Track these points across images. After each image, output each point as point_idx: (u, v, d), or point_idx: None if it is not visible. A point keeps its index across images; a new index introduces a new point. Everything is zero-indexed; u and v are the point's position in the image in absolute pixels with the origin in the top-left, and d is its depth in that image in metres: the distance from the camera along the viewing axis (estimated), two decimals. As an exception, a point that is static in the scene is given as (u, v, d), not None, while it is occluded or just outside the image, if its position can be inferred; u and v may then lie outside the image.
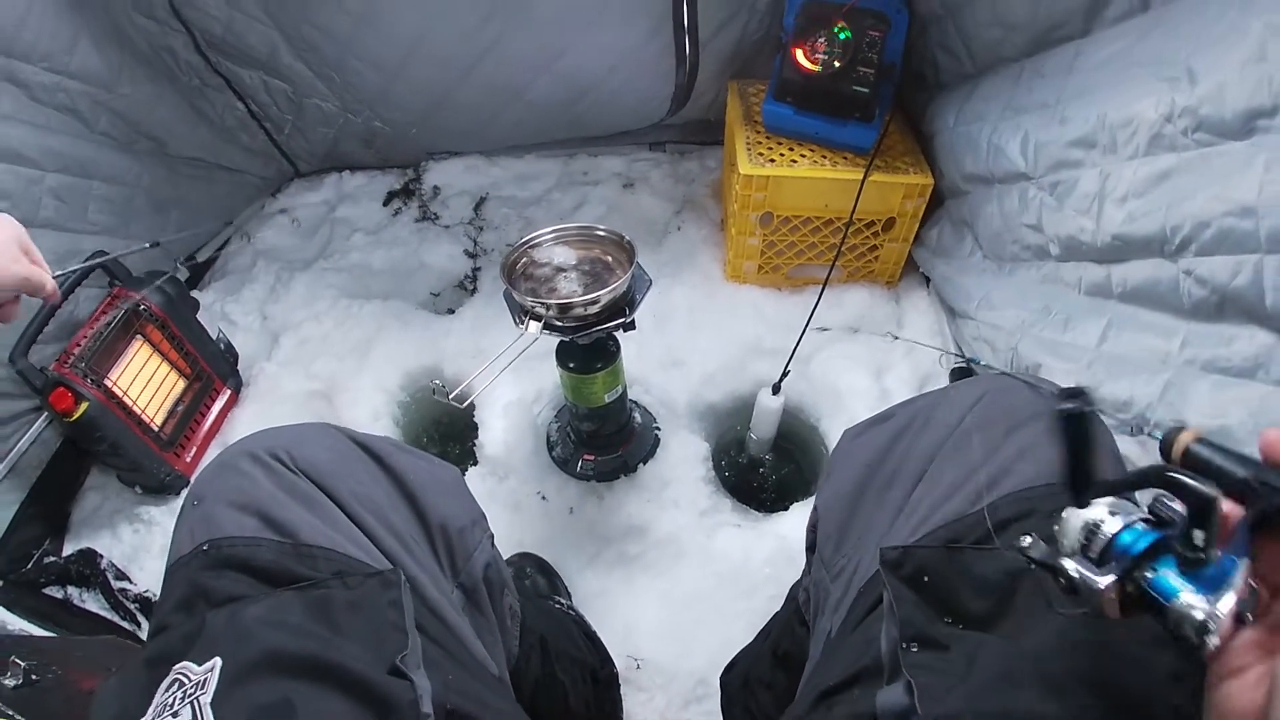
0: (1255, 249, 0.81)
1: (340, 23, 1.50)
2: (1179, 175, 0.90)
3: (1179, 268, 0.92)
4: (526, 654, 0.92)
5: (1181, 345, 0.93)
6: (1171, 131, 0.90)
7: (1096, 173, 1.03)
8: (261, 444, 0.68)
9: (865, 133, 1.41)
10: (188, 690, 0.49)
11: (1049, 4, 1.12)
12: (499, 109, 1.70)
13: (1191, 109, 0.87)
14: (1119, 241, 1.00)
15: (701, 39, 1.53)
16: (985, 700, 0.47)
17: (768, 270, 1.60)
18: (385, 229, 1.84)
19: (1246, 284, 0.82)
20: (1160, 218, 0.92)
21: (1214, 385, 0.88)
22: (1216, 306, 0.88)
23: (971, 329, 1.34)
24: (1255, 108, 0.80)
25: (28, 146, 1.29)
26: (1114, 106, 0.99)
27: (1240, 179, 0.81)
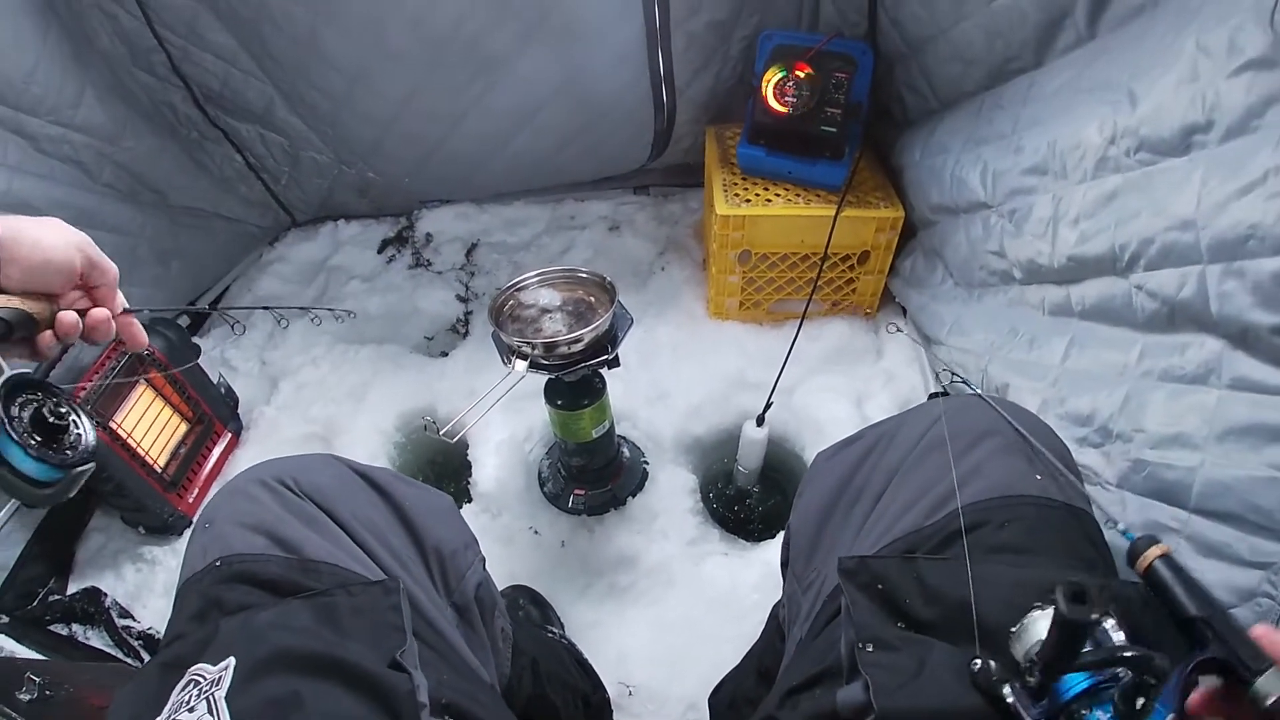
0: (1198, 260, 0.85)
1: (334, 80, 1.58)
2: (1124, 195, 0.96)
3: (1130, 283, 0.97)
4: (519, 675, 0.94)
5: (1139, 357, 0.97)
6: (1115, 153, 0.96)
7: (1049, 197, 1.09)
8: (269, 471, 0.73)
9: (835, 170, 1.48)
10: (203, 688, 0.53)
11: (1004, 37, 1.19)
12: (487, 159, 1.77)
13: (1133, 130, 0.93)
14: (1073, 262, 1.05)
15: (678, 86, 1.61)
16: (933, 697, 0.50)
17: (749, 306, 1.66)
18: (380, 275, 1.90)
19: (1193, 294, 0.87)
20: (1109, 237, 0.97)
21: (1170, 394, 0.92)
22: (1168, 317, 0.92)
23: (945, 354, 1.39)
24: (1190, 124, 0.85)
25: (35, 197, 1.35)
26: (1064, 133, 1.05)
27: (1180, 194, 0.86)
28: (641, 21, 1.43)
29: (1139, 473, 0.93)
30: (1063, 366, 1.10)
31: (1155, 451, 0.92)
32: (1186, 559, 0.86)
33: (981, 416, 0.71)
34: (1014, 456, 0.67)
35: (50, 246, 0.56)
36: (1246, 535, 0.81)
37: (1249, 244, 0.78)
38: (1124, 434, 0.97)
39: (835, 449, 0.84)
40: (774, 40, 1.46)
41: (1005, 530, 0.61)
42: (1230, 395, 0.85)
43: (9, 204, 1.30)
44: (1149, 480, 0.92)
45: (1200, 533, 0.85)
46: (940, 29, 1.31)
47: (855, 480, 0.77)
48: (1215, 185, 0.82)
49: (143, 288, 1.60)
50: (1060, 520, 0.63)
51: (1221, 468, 0.84)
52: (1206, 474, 0.85)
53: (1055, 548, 0.61)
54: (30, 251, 0.55)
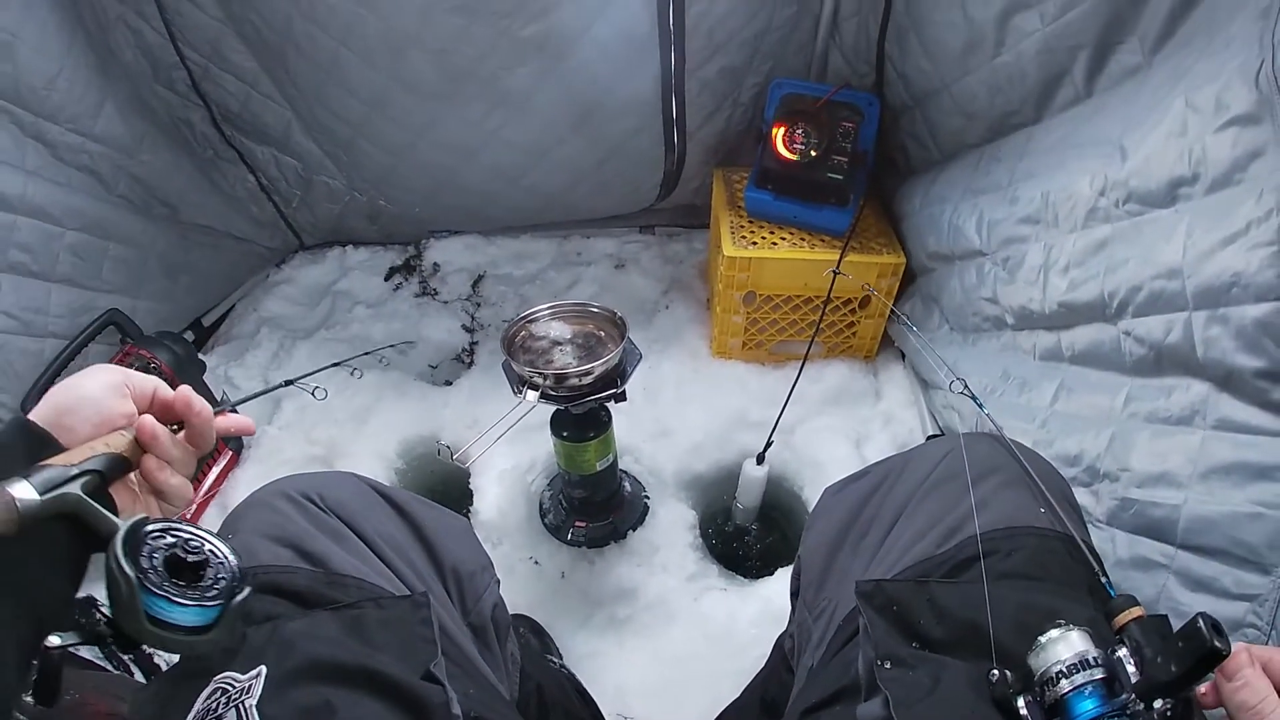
0: (1184, 307, 0.92)
1: (352, 107, 1.66)
2: (1113, 244, 1.03)
3: (1119, 329, 1.04)
4: (525, 699, 0.98)
5: (1126, 400, 1.04)
6: (1105, 204, 1.04)
7: (1041, 246, 1.17)
8: (294, 485, 0.76)
9: (840, 217, 1.56)
10: (232, 695, 0.53)
11: (1004, 94, 1.28)
12: (499, 192, 1.85)
13: (1122, 182, 1.01)
14: (1064, 308, 1.13)
15: (689, 130, 1.70)
16: (950, 710, 0.54)
17: (751, 346, 1.72)
18: (386, 302, 1.96)
19: (1179, 339, 0.94)
20: (1099, 284, 1.05)
21: (1154, 434, 0.98)
22: (1155, 362, 0.99)
23: (941, 398, 1.45)
24: (1177, 177, 0.92)
25: (50, 203, 1.39)
26: (1057, 185, 1.14)
27: (1167, 243, 0.93)
28: (658, 66, 1.52)
29: (1126, 510, 0.99)
30: (1052, 409, 1.17)
31: (1141, 490, 0.98)
32: (1175, 593, 0.92)
33: (987, 453, 0.77)
34: (1018, 490, 0.72)
35: (91, 397, 0.55)
36: (1231, 569, 0.86)
37: (1233, 291, 0.85)
38: (1111, 473, 1.03)
39: (843, 484, 0.90)
40: (784, 88, 1.56)
41: (1012, 558, 0.66)
42: (1214, 435, 0.91)
43: (24, 208, 1.34)
44: (1136, 517, 0.98)
45: (1187, 567, 0.91)
46: (944, 83, 1.40)
47: (865, 513, 0.82)
48: (1200, 235, 0.89)
49: (149, 300, 1.63)
50: (1062, 550, 0.67)
51: (1206, 504, 0.90)
52: (1191, 511, 0.91)
53: (1058, 575, 0.65)
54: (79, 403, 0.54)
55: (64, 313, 1.43)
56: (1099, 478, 1.04)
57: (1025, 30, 1.20)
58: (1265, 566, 0.84)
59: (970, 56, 1.32)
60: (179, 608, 0.47)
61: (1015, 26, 1.21)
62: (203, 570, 0.49)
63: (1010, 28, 1.22)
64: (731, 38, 1.54)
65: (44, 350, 1.40)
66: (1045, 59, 1.19)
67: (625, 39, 1.47)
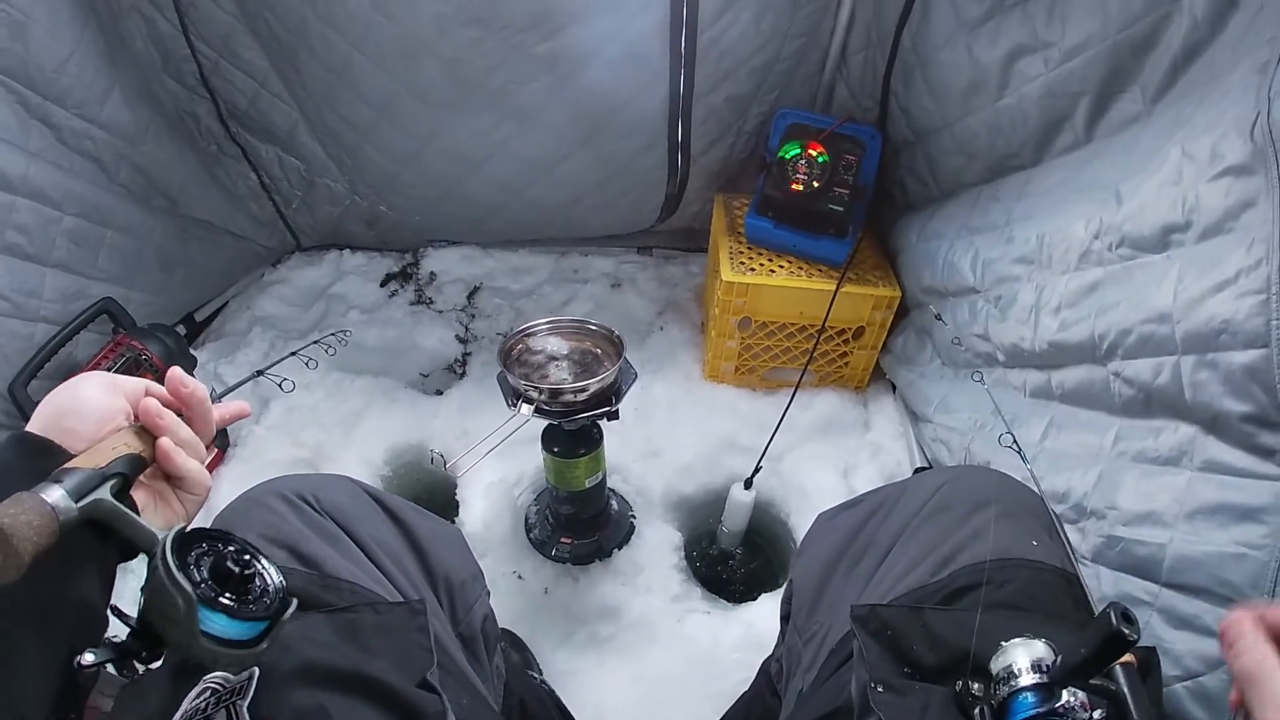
0: (1173, 351, 0.96)
1: (361, 112, 1.69)
2: (1105, 287, 1.07)
3: (1108, 370, 1.07)
4: (508, 713, 0.99)
5: (1115, 440, 1.07)
6: (1099, 247, 1.08)
7: (1033, 286, 1.21)
8: (289, 485, 0.77)
9: (839, 248, 1.60)
10: (222, 696, 0.53)
11: (1005, 135, 1.33)
12: (500, 205, 1.88)
13: (1116, 226, 1.05)
14: (1054, 348, 1.17)
15: (693, 154, 1.74)
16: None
17: (744, 371, 1.76)
18: (380, 309, 1.98)
19: (1168, 382, 0.97)
20: (1089, 325, 1.09)
21: (1142, 474, 1.01)
22: (1144, 403, 1.03)
23: (930, 431, 1.49)
24: (1170, 223, 0.96)
25: (51, 186, 1.41)
26: (1052, 227, 1.18)
27: (1157, 288, 0.97)
28: (667, 89, 1.57)
29: (1112, 548, 1.02)
30: (1041, 446, 1.20)
31: (1128, 528, 1.01)
32: (1158, 630, 0.95)
33: (980, 486, 0.79)
34: (1010, 523, 0.75)
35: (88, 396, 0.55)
36: (1215, 607, 0.89)
37: (1221, 338, 0.89)
38: (1098, 511, 1.06)
39: (836, 511, 0.92)
40: (789, 119, 1.61)
41: (1004, 589, 0.68)
42: (1201, 477, 0.94)
43: (25, 190, 1.35)
44: (1122, 555, 1.01)
45: (1171, 605, 0.94)
46: (946, 121, 1.46)
47: (859, 539, 0.84)
48: (1191, 281, 0.93)
49: (143, 292, 1.64)
50: (1052, 583, 0.70)
51: (1191, 544, 0.93)
52: (1176, 550, 0.94)
53: (1048, 607, 0.67)
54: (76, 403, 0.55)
55: (57, 298, 1.44)
56: (1086, 515, 1.07)
57: (1029, 74, 1.25)
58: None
59: (973, 97, 1.37)
60: (235, 623, 0.45)
61: (1019, 70, 1.27)
62: (250, 583, 0.48)
63: (1014, 71, 1.28)
64: (740, 65, 1.59)
65: (35, 334, 1.40)
66: (1047, 104, 1.24)
67: (636, 61, 1.52)
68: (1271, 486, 0.86)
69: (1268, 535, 0.84)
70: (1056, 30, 1.19)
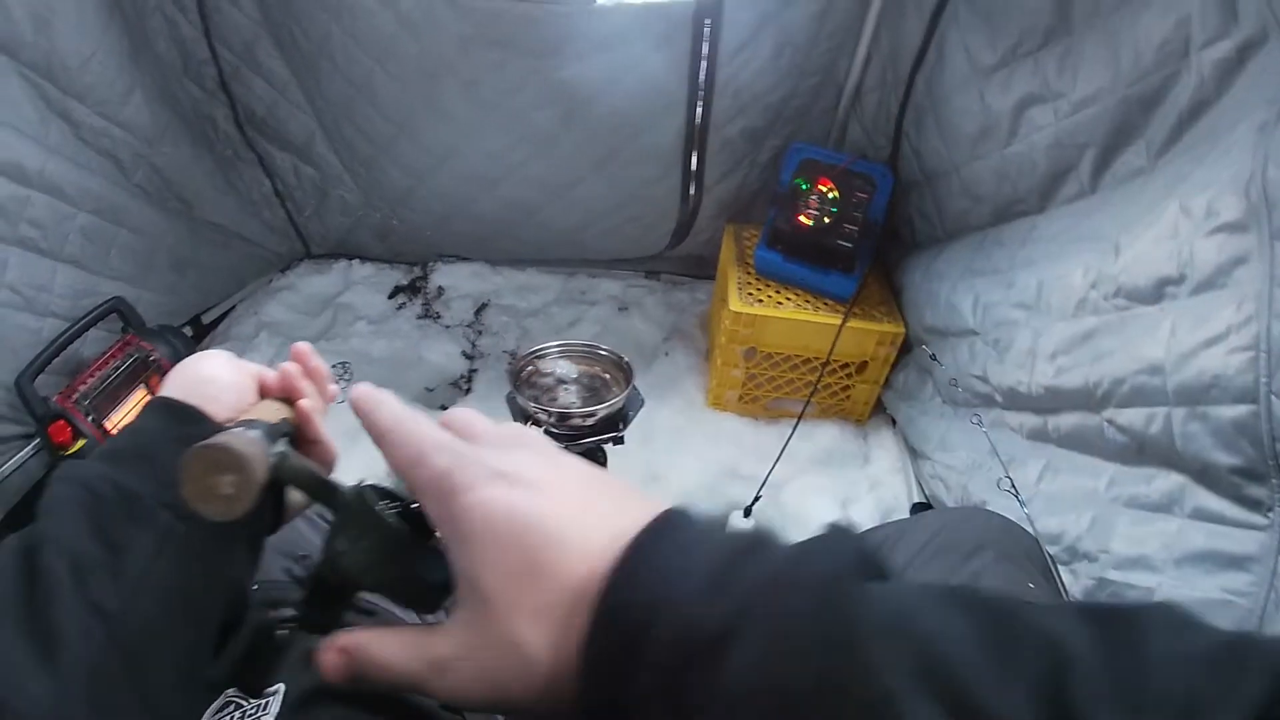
0: (1165, 402, 0.99)
1: (380, 126, 1.74)
2: (1100, 335, 1.11)
3: (1102, 417, 1.11)
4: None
5: (1108, 484, 1.10)
6: (1095, 296, 1.12)
7: (1031, 331, 1.25)
8: None
9: (846, 283, 1.64)
10: (247, 711, 0.51)
11: (1012, 182, 1.37)
12: (512, 224, 1.93)
13: (1113, 277, 1.09)
14: (1050, 393, 1.20)
15: (706, 184, 1.79)
16: None
17: (748, 400, 1.79)
18: (388, 320, 2.01)
19: (1159, 432, 1.00)
20: (1084, 373, 1.12)
21: (1134, 519, 1.05)
22: (1136, 451, 1.06)
23: (929, 468, 1.52)
24: (1165, 276, 1.00)
25: (67, 183, 1.43)
26: (1051, 275, 1.22)
27: (1151, 339, 1.01)
28: (683, 120, 1.62)
29: (1103, 590, 1.05)
30: (1037, 488, 1.23)
31: (1119, 571, 1.04)
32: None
33: (980, 529, 0.82)
34: (1009, 566, 0.77)
35: (221, 367, 0.55)
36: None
37: (1211, 392, 0.92)
38: (1090, 554, 1.09)
39: None
40: (803, 153, 1.65)
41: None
42: (1190, 524, 0.98)
43: (41, 184, 1.37)
44: (1112, 598, 1.04)
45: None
46: (955, 165, 1.50)
47: None
48: (1183, 334, 0.96)
49: (153, 292, 1.67)
50: None
51: (1179, 589, 0.96)
52: (1165, 594, 0.97)
53: None
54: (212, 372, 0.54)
55: (67, 294, 1.46)
56: (1079, 557, 1.10)
57: (1038, 124, 1.30)
58: (1232, 654, 0.90)
59: (983, 142, 1.42)
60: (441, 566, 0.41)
61: (1029, 119, 1.31)
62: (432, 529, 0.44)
63: (1024, 119, 1.32)
64: (756, 100, 1.64)
65: (43, 329, 1.42)
66: (1055, 153, 1.28)
67: (655, 91, 1.57)
68: (1258, 537, 0.89)
69: (1253, 583, 0.87)
70: (1068, 81, 1.23)
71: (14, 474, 1.39)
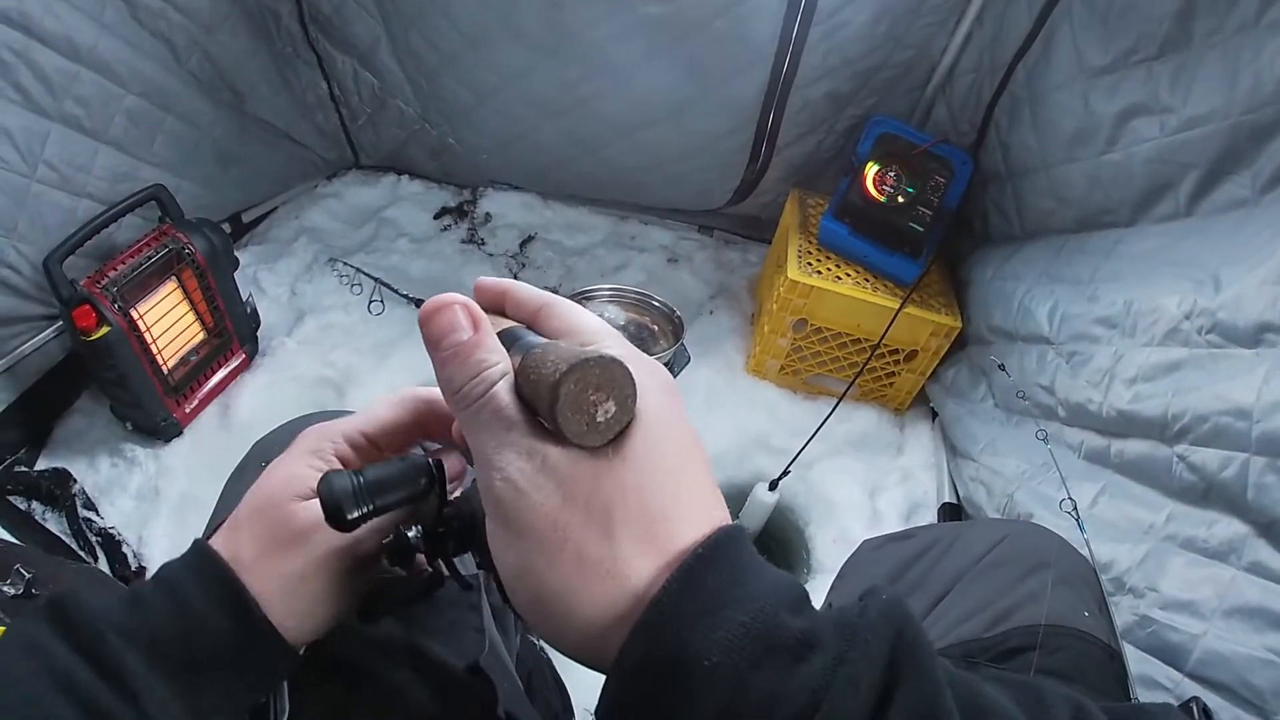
0: (1245, 448, 0.98)
1: (449, 38, 1.68)
2: (1187, 369, 1.09)
3: (1174, 452, 1.09)
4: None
5: (1166, 520, 1.09)
6: (1188, 328, 1.09)
7: (1111, 351, 1.22)
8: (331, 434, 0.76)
9: (910, 267, 1.61)
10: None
11: (1105, 190, 1.34)
12: (572, 159, 1.88)
13: (1210, 311, 1.06)
14: (1123, 418, 1.18)
15: (779, 145, 1.73)
16: None
17: (789, 372, 1.77)
18: (430, 241, 1.99)
19: (1233, 477, 0.99)
20: (1163, 403, 1.10)
21: (1189, 562, 1.04)
22: (1203, 493, 1.05)
23: (971, 470, 1.51)
24: (1267, 321, 0.98)
25: (118, 62, 1.39)
26: (1142, 295, 1.19)
27: (1242, 383, 0.99)
28: (767, 75, 1.56)
29: (1144, 629, 1.05)
30: (1090, 511, 1.22)
31: (1164, 612, 1.03)
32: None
33: (1041, 547, 0.81)
34: (1066, 590, 0.76)
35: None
36: (1233, 707, 0.92)
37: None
38: (1137, 589, 1.09)
39: (883, 540, 0.94)
40: (883, 127, 1.60)
41: (1054, 656, 0.69)
42: (1246, 577, 0.97)
43: (91, 61, 1.34)
44: (1152, 638, 1.04)
45: (1189, 695, 0.97)
46: (1045, 163, 1.45)
47: (907, 576, 0.85)
48: (1277, 385, 0.95)
49: (193, 184, 1.64)
50: (1099, 658, 0.71)
51: (1223, 641, 0.96)
52: (1208, 644, 0.97)
53: (1093, 681, 0.69)
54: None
55: (106, 176, 1.44)
56: (1124, 590, 1.10)
57: (1142, 135, 1.25)
58: (1266, 713, 0.90)
59: (1079, 145, 1.37)
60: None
61: (1133, 129, 1.27)
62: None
63: (1128, 128, 1.28)
64: (846, 65, 1.58)
65: (78, 210, 1.40)
66: (1155, 168, 1.24)
67: (744, 40, 1.51)
68: (1317, 603, 0.88)
69: (1303, 650, 0.87)
70: (1179, 97, 1.19)
71: (34, 354, 1.39)
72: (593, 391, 0.32)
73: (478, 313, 0.37)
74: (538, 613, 0.34)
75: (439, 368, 0.36)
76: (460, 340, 0.35)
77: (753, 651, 0.29)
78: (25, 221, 1.32)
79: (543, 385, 0.32)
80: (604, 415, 0.32)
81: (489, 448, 0.34)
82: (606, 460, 0.33)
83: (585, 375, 0.31)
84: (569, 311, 0.40)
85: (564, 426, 0.31)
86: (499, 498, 0.33)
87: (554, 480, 0.32)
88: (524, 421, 0.34)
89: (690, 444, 0.36)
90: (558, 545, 0.32)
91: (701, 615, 0.29)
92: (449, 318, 0.36)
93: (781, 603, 0.30)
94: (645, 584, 0.31)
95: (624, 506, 0.32)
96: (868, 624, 0.30)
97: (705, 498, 0.35)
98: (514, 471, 0.33)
